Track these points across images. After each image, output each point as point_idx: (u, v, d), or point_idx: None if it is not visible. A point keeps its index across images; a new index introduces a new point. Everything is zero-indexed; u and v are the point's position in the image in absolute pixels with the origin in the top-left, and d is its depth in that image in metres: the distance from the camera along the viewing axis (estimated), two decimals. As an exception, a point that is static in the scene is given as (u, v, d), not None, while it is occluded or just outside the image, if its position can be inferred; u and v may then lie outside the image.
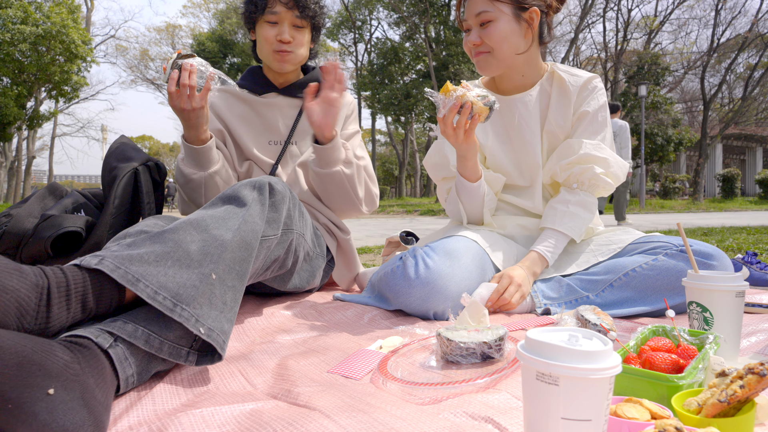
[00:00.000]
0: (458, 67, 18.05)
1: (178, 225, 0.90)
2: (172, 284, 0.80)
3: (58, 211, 1.30)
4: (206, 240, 0.88)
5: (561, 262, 1.45)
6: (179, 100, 1.34)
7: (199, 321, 0.81)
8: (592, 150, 1.43)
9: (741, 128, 23.73)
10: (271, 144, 1.66)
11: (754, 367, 0.58)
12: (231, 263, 0.90)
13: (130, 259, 0.80)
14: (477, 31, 1.42)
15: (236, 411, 0.71)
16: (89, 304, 0.77)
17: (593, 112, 1.48)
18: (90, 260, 0.79)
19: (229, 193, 1.03)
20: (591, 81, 1.50)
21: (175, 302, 0.79)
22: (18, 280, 0.68)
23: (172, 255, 0.83)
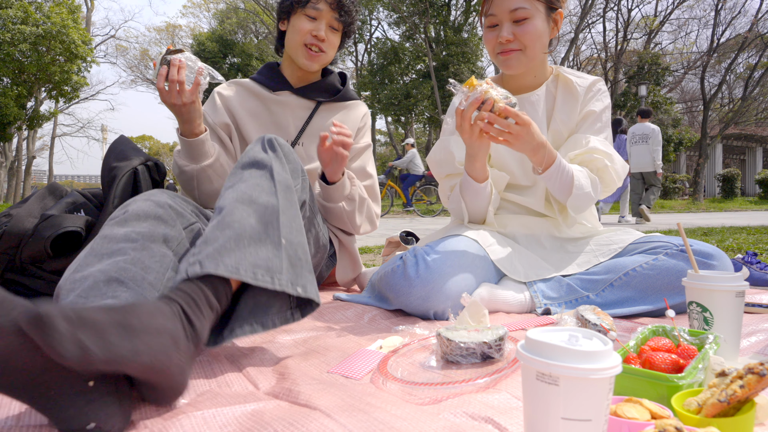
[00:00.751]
0: (458, 67, 18.04)
1: (228, 206, 0.93)
2: (261, 261, 0.88)
3: (58, 211, 1.30)
4: (258, 211, 0.94)
5: (561, 261, 1.45)
6: (169, 96, 1.33)
7: (293, 283, 0.91)
8: (599, 145, 1.44)
9: (741, 128, 23.72)
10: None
11: (754, 367, 0.58)
12: (288, 223, 0.98)
13: (219, 253, 0.85)
14: (510, 27, 1.39)
15: (237, 412, 0.71)
16: (214, 305, 0.83)
17: (599, 112, 1.50)
18: (194, 269, 0.83)
19: (246, 160, 1.05)
20: (596, 83, 1.54)
21: (272, 276, 0.88)
22: (162, 318, 0.71)
23: (243, 235, 0.89)
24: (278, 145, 1.10)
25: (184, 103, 1.34)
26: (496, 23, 1.42)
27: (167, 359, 0.68)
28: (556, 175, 1.34)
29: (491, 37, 1.44)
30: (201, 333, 0.78)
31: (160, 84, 1.32)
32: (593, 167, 1.45)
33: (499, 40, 1.41)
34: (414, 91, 19.96)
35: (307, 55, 1.59)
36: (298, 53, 1.60)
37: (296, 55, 1.61)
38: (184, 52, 1.36)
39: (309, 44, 1.58)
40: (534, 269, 1.42)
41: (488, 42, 1.46)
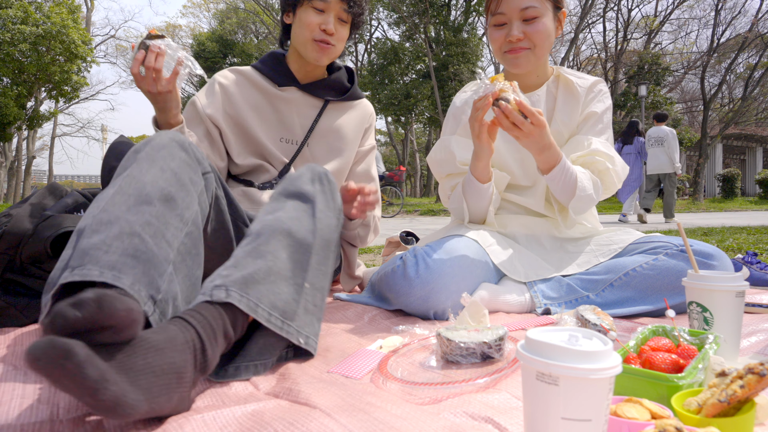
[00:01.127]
0: (458, 67, 18.03)
1: (265, 234, 0.94)
2: (279, 302, 0.89)
3: (57, 211, 1.30)
4: (292, 246, 0.95)
5: (561, 262, 1.45)
6: (144, 83, 1.25)
7: (299, 332, 0.92)
8: (601, 147, 1.45)
9: (741, 128, 23.71)
10: (283, 141, 1.58)
11: (754, 367, 0.58)
12: (317, 266, 0.98)
13: (245, 283, 0.86)
14: (520, 25, 1.39)
15: (237, 412, 0.71)
16: (230, 335, 0.83)
17: (600, 113, 1.50)
18: (218, 294, 0.82)
19: (292, 189, 1.05)
20: (597, 84, 1.54)
21: (283, 320, 0.89)
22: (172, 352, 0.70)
23: (273, 269, 0.90)
24: (327, 182, 1.09)
25: (159, 91, 1.26)
26: (505, 22, 1.41)
27: (167, 400, 0.67)
28: (560, 177, 1.34)
29: (498, 36, 1.43)
30: (211, 362, 0.78)
31: (135, 69, 1.24)
32: (595, 169, 1.45)
33: (508, 38, 1.40)
34: (414, 91, 19.95)
35: (317, 50, 1.51)
36: (308, 48, 1.52)
37: (305, 50, 1.53)
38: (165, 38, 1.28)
39: (318, 39, 1.50)
40: (534, 269, 1.42)
41: (495, 40, 1.44)
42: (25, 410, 0.74)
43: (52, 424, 0.69)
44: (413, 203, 17.10)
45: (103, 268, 0.77)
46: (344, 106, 1.68)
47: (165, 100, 1.28)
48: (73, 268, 0.77)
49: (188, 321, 0.76)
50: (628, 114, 18.77)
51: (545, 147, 1.28)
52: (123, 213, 0.84)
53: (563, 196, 1.39)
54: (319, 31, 1.49)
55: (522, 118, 1.21)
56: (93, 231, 0.81)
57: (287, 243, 0.94)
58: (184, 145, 1.02)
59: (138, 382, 0.63)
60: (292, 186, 1.05)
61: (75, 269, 0.77)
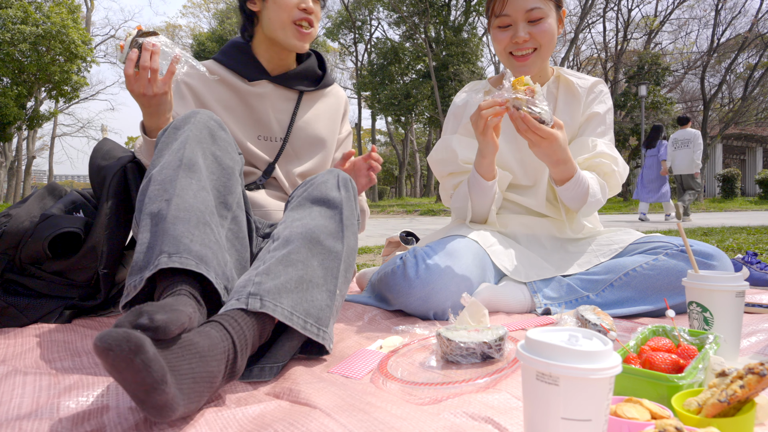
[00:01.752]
0: (458, 67, 18.04)
1: (295, 241, 0.95)
2: (313, 309, 0.91)
3: (57, 211, 1.30)
4: (323, 254, 0.97)
5: (561, 261, 1.45)
6: (138, 84, 1.16)
7: (330, 338, 0.95)
8: (606, 148, 1.45)
9: (741, 128, 23.71)
10: (261, 139, 1.49)
11: (754, 367, 0.58)
12: (344, 272, 1.00)
13: (279, 292, 0.87)
14: (525, 26, 1.39)
15: (238, 413, 0.71)
16: (257, 344, 0.86)
17: (603, 114, 1.50)
18: (254, 303, 0.84)
19: (317, 194, 1.05)
20: (597, 84, 1.54)
21: (318, 327, 0.91)
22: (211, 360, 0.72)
23: (305, 277, 0.92)
24: (351, 188, 1.10)
25: (155, 93, 1.17)
26: (510, 23, 1.41)
27: (196, 406, 0.69)
28: (573, 188, 1.35)
29: (504, 37, 1.42)
30: (239, 371, 0.80)
31: (129, 70, 1.15)
32: (600, 171, 1.45)
33: (514, 40, 1.40)
34: (414, 91, 19.96)
35: (298, 35, 1.39)
36: (287, 33, 1.39)
37: (285, 36, 1.40)
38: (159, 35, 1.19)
39: (299, 21, 1.38)
40: (534, 269, 1.42)
41: (500, 41, 1.43)
42: (25, 410, 0.74)
43: (52, 424, 0.69)
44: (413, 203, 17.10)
45: (196, 259, 0.85)
46: (318, 95, 1.59)
47: (159, 102, 1.19)
48: (170, 254, 0.84)
49: (227, 329, 0.78)
50: (628, 114, 18.77)
51: (559, 161, 1.28)
52: (192, 200, 0.92)
53: (573, 203, 1.40)
54: (298, 11, 1.38)
55: (524, 126, 1.20)
56: (175, 218, 0.88)
57: (318, 251, 0.96)
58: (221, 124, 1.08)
59: (181, 387, 0.65)
60: (317, 191, 1.06)
61: (173, 255, 0.84)
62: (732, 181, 18.92)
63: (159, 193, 0.92)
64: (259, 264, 0.93)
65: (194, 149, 0.99)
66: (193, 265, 0.84)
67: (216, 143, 1.05)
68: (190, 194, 0.93)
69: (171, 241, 0.85)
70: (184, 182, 0.93)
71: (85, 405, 0.75)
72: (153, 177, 0.96)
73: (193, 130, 1.01)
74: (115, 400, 0.77)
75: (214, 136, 1.05)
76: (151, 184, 0.95)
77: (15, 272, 1.27)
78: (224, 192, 1.02)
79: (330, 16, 26.00)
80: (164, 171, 0.95)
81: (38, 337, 1.13)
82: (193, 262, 0.85)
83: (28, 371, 0.88)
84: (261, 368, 0.88)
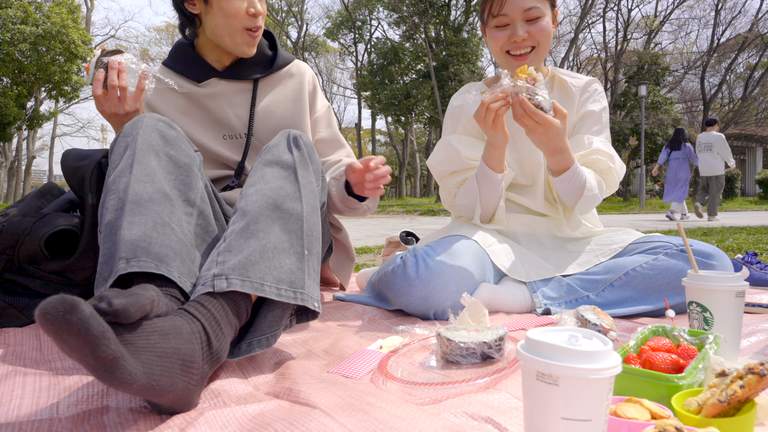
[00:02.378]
0: (458, 67, 18.05)
1: (252, 212, 0.93)
2: (284, 274, 0.89)
3: (53, 209, 1.30)
4: (283, 218, 0.95)
5: (561, 261, 1.45)
6: (108, 104, 1.15)
7: (312, 297, 0.93)
8: (602, 146, 1.45)
9: (741, 128, 23.71)
10: (227, 138, 1.44)
11: (754, 367, 0.58)
12: (309, 232, 0.98)
13: (244, 266, 0.86)
14: (524, 25, 1.40)
15: (238, 413, 0.71)
16: (234, 323, 0.84)
17: (598, 112, 1.51)
18: (220, 284, 0.83)
19: (269, 158, 1.03)
20: (591, 83, 1.54)
21: (294, 290, 0.90)
22: (177, 339, 0.71)
23: (268, 245, 0.90)
24: (303, 144, 1.08)
25: (126, 112, 1.15)
26: (507, 23, 1.41)
27: (169, 383, 0.67)
28: (570, 180, 1.34)
29: (501, 36, 1.42)
30: (220, 353, 0.79)
31: (98, 91, 1.13)
32: (597, 168, 1.45)
33: (513, 39, 1.40)
34: (414, 91, 19.97)
35: (249, 41, 1.34)
36: (237, 40, 1.33)
37: (233, 43, 1.34)
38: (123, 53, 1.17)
39: (249, 27, 1.32)
40: (534, 269, 1.42)
41: (497, 41, 1.43)
42: (24, 410, 0.74)
43: (51, 424, 0.69)
44: (413, 203, 17.10)
45: (156, 261, 0.84)
46: (277, 78, 1.50)
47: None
48: (128, 260, 0.83)
49: (193, 314, 0.77)
50: (628, 114, 18.77)
51: (556, 150, 1.28)
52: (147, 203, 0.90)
53: (570, 197, 1.39)
54: (248, 17, 1.32)
55: (521, 111, 1.20)
56: (131, 223, 0.87)
57: (277, 216, 0.94)
58: (170, 124, 1.05)
59: (139, 356, 0.64)
60: (269, 155, 1.04)
61: (131, 261, 0.83)
62: (732, 181, 18.92)
63: (114, 202, 0.92)
64: (221, 242, 0.92)
65: (146, 153, 0.98)
66: (152, 267, 0.83)
67: (168, 143, 1.03)
68: (145, 197, 0.91)
69: (128, 247, 0.85)
70: (138, 187, 0.92)
71: (85, 406, 0.75)
72: (108, 187, 0.96)
73: (142, 134, 1.00)
74: (115, 400, 0.77)
75: (165, 136, 1.04)
76: (108, 194, 0.95)
77: (14, 272, 1.26)
78: (185, 189, 1.00)
79: (330, 16, 26.01)
80: (117, 180, 0.95)
81: (38, 337, 1.13)
82: (153, 264, 0.84)
83: (27, 371, 0.88)
84: (249, 343, 0.88)
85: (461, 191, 1.49)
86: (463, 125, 1.55)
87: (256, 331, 0.90)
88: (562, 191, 1.39)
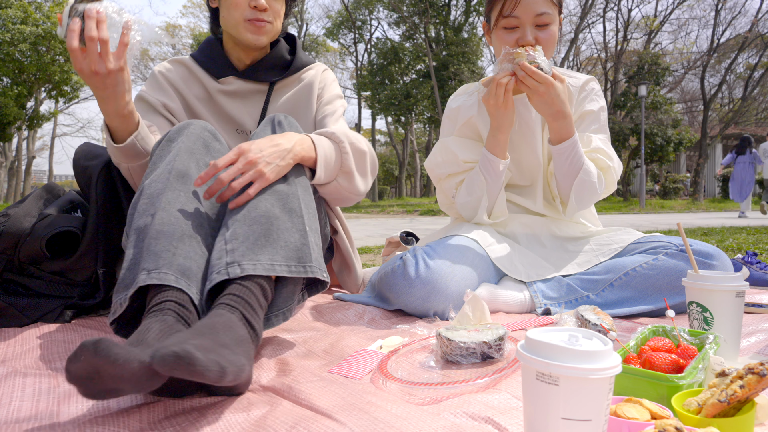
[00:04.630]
0: (458, 67, 18.05)
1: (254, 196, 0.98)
2: (292, 252, 0.94)
3: (55, 210, 1.30)
4: (281, 199, 0.99)
5: (561, 261, 1.45)
6: (87, 61, 0.98)
7: (320, 269, 0.98)
8: (602, 145, 1.45)
9: (741, 128, 23.70)
10: (239, 133, 1.47)
11: (754, 367, 0.58)
12: (306, 209, 1.02)
13: (252, 251, 0.91)
14: (533, 30, 1.38)
15: (240, 414, 0.71)
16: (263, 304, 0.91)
17: (597, 111, 1.50)
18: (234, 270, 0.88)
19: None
20: (589, 82, 1.53)
21: (303, 265, 0.94)
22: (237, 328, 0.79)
23: (272, 228, 0.94)
24: (287, 125, 1.11)
25: (109, 70, 0.99)
26: (517, 25, 1.39)
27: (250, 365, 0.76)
28: (569, 152, 1.36)
29: (509, 39, 1.40)
30: (260, 334, 0.87)
31: (74, 43, 0.97)
32: (597, 166, 1.45)
33: (520, 42, 1.39)
34: (414, 91, 19.96)
35: (252, 29, 1.35)
36: (241, 30, 1.35)
37: (239, 33, 1.36)
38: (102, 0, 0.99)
39: (250, 18, 1.34)
40: (535, 269, 1.42)
41: (504, 42, 1.41)
42: (24, 411, 0.74)
43: (51, 425, 0.69)
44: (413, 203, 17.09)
45: (177, 273, 0.87)
46: (292, 82, 1.51)
47: (115, 82, 1.03)
48: (149, 270, 0.86)
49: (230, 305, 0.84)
50: (628, 114, 18.77)
51: (559, 114, 1.31)
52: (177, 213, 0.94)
53: (567, 177, 1.39)
54: (249, 9, 1.34)
55: (522, 73, 1.27)
56: (158, 232, 0.90)
57: (274, 198, 0.98)
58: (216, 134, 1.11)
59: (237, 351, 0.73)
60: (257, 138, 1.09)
61: (152, 272, 0.86)
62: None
63: (146, 207, 0.94)
64: (224, 229, 0.95)
65: (186, 161, 1.00)
66: (172, 281, 0.86)
67: (210, 154, 1.06)
68: (176, 207, 0.94)
69: (151, 257, 0.87)
70: (171, 195, 0.95)
71: (85, 407, 0.75)
72: (143, 190, 0.98)
73: (185, 141, 1.03)
74: (116, 402, 0.77)
75: (208, 146, 1.06)
76: (141, 197, 0.97)
77: (14, 272, 1.27)
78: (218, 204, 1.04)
79: (330, 16, 26.00)
80: (153, 184, 0.97)
81: (38, 337, 1.13)
82: (173, 276, 0.87)
83: (27, 372, 0.88)
84: (267, 318, 0.95)
85: (462, 188, 1.49)
86: (460, 128, 1.55)
87: (273, 307, 0.96)
88: (559, 167, 1.39)
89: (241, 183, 0.97)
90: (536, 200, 1.53)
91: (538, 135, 1.50)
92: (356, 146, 1.27)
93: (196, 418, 0.70)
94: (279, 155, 1.02)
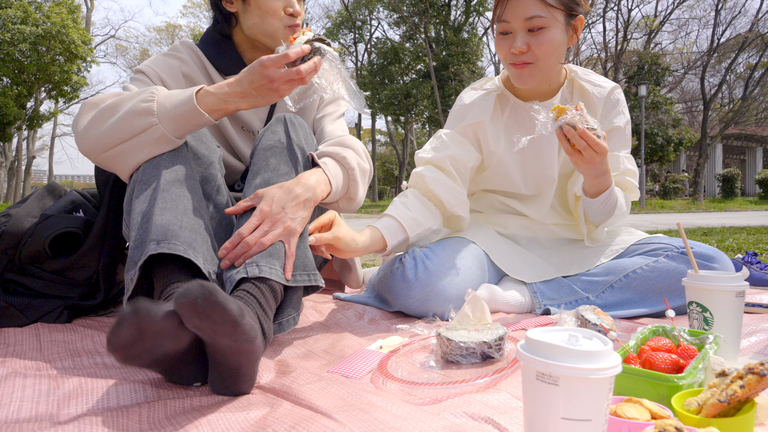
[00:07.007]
0: (458, 67, 18.04)
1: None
2: (299, 260, 1.00)
3: (56, 211, 1.30)
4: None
5: (562, 262, 1.45)
6: (280, 86, 1.00)
7: (318, 275, 1.03)
8: (630, 164, 1.42)
9: (741, 128, 23.71)
10: (245, 130, 1.45)
11: (754, 367, 0.58)
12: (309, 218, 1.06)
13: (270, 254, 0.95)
14: (524, 36, 1.26)
15: (240, 414, 0.71)
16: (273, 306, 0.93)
17: (624, 127, 1.44)
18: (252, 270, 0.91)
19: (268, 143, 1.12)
20: (614, 92, 1.44)
21: (309, 274, 1.01)
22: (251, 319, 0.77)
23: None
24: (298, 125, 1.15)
25: (280, 95, 1.03)
26: (510, 31, 1.28)
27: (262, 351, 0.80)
28: (605, 201, 1.30)
29: (504, 46, 1.30)
30: (269, 337, 0.88)
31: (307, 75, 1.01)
32: (624, 187, 1.43)
33: (511, 50, 1.28)
34: (414, 91, 19.96)
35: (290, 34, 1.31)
36: (278, 37, 1.32)
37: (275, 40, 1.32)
38: (330, 46, 1.05)
39: (289, 25, 1.31)
40: (536, 270, 1.42)
41: (500, 49, 1.33)
42: (25, 411, 0.74)
43: (51, 424, 0.69)
44: (413, 203, 17.05)
45: (185, 245, 0.89)
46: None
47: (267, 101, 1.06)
48: (158, 241, 0.88)
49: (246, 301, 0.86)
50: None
51: (601, 173, 1.22)
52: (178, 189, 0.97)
53: (599, 217, 1.35)
54: (287, 16, 1.31)
55: (584, 143, 1.13)
56: (162, 208, 0.93)
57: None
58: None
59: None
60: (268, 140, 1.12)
61: (161, 242, 0.88)
62: (732, 181, 18.93)
63: (144, 189, 0.98)
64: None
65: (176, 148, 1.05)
66: (181, 251, 0.89)
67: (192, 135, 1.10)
68: (177, 184, 0.98)
69: (159, 230, 0.90)
70: (168, 175, 0.99)
71: (85, 407, 0.75)
72: (137, 178, 1.02)
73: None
74: (116, 401, 0.77)
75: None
76: (137, 184, 1.00)
77: (15, 272, 1.26)
78: (203, 182, 1.09)
79: (330, 16, 26.00)
80: (146, 170, 1.01)
81: (38, 337, 1.13)
82: (182, 247, 0.89)
83: (27, 373, 0.88)
84: (279, 324, 0.97)
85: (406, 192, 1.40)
86: (464, 126, 1.49)
87: (283, 312, 0.99)
88: (593, 212, 1.34)
89: (271, 240, 0.97)
90: (542, 210, 1.49)
91: (554, 147, 1.43)
92: (362, 168, 1.27)
93: (196, 418, 0.70)
94: (301, 206, 1.04)
